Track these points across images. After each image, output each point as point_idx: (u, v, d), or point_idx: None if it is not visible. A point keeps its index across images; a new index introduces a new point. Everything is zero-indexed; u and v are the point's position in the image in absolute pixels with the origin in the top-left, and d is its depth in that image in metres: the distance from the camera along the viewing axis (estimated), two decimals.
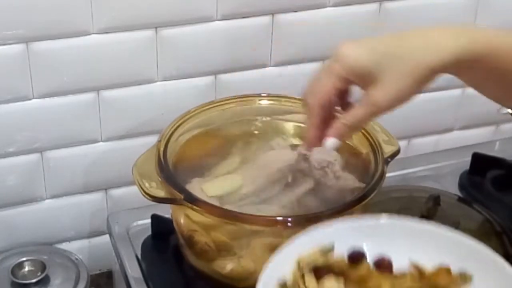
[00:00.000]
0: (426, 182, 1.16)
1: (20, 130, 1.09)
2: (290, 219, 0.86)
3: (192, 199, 0.87)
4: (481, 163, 1.17)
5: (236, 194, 0.94)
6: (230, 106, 1.05)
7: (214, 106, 1.04)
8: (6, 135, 1.09)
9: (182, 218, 0.94)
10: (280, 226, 0.86)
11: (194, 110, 1.02)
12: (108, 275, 1.22)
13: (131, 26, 1.07)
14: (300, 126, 1.03)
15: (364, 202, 0.87)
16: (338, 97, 0.78)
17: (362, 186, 0.92)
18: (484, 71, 0.75)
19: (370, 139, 0.97)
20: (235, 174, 0.98)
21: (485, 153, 1.20)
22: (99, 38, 1.06)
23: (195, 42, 1.12)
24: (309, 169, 0.96)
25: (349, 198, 0.90)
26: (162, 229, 1.03)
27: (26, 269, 1.10)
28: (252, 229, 0.87)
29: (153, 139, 0.99)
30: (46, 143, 1.12)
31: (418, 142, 1.36)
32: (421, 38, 0.72)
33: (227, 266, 0.92)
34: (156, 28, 1.09)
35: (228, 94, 1.07)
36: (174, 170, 0.92)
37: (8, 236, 1.16)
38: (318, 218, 0.82)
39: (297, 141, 1.02)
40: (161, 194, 0.89)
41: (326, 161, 0.96)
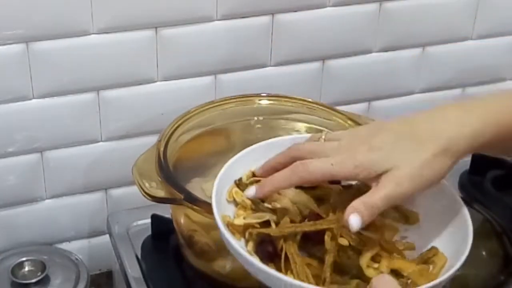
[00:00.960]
0: None
1: (20, 130, 1.09)
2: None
3: (192, 199, 0.87)
4: (481, 163, 1.17)
5: None
6: (230, 106, 1.05)
7: (214, 106, 1.04)
8: (6, 135, 1.09)
9: (182, 218, 0.94)
10: None
11: (194, 110, 1.02)
12: (108, 275, 1.22)
13: (131, 26, 1.07)
14: (301, 125, 1.03)
15: None
16: None
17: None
18: (504, 145, 0.72)
19: None
20: None
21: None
22: (99, 38, 1.06)
23: (195, 42, 1.12)
24: None
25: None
26: (162, 229, 1.03)
27: (26, 269, 1.10)
28: None
29: (153, 139, 0.99)
30: (46, 143, 1.12)
31: None
32: (429, 132, 0.68)
33: (227, 266, 0.92)
34: (156, 28, 1.09)
35: (228, 94, 1.07)
36: (174, 170, 0.92)
37: (8, 236, 1.16)
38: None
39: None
40: (161, 194, 0.89)
41: None
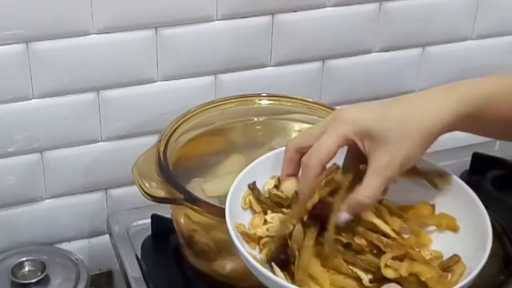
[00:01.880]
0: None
1: (20, 130, 1.09)
2: None
3: (192, 199, 0.87)
4: (481, 163, 1.18)
5: None
6: (230, 106, 1.05)
7: (214, 106, 1.04)
8: (6, 135, 1.09)
9: (182, 218, 0.94)
10: None
11: (194, 110, 1.02)
12: (108, 275, 1.22)
13: (131, 26, 1.07)
14: (301, 125, 1.03)
15: None
16: None
17: None
18: (489, 122, 0.75)
19: None
20: (235, 174, 0.98)
21: (485, 153, 1.20)
22: (99, 38, 1.06)
23: (195, 42, 1.12)
24: None
25: None
26: (162, 229, 1.03)
27: (26, 269, 1.10)
28: None
29: (153, 139, 0.99)
30: (46, 143, 1.12)
31: None
32: (419, 102, 0.73)
33: (227, 266, 0.92)
34: (156, 28, 1.09)
35: (228, 94, 1.07)
36: (174, 170, 0.92)
37: (8, 236, 1.16)
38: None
39: None
40: (161, 194, 0.89)
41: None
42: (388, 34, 1.23)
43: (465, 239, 0.74)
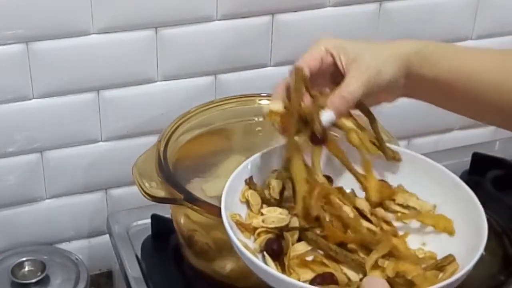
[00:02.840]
0: None
1: (20, 130, 1.09)
2: None
3: (192, 199, 0.87)
4: (481, 163, 1.18)
5: None
6: (230, 106, 1.05)
7: (214, 106, 1.04)
8: (6, 135, 1.09)
9: (182, 218, 0.94)
10: None
11: (194, 110, 1.02)
12: (108, 275, 1.22)
13: (131, 26, 1.07)
14: None
15: None
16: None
17: None
18: (447, 90, 0.80)
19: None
20: None
21: (485, 153, 1.20)
22: (99, 38, 1.06)
23: (195, 42, 1.12)
24: None
25: None
26: (162, 229, 1.03)
27: (26, 269, 1.10)
28: None
29: (153, 139, 0.99)
30: (46, 143, 1.12)
31: (418, 142, 1.36)
32: (387, 43, 0.82)
33: (227, 266, 0.92)
34: (156, 28, 1.09)
35: (228, 94, 1.07)
36: (174, 170, 0.92)
37: (8, 236, 1.16)
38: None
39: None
40: (161, 194, 0.89)
41: None
42: (388, 34, 1.23)
43: (460, 240, 0.74)
